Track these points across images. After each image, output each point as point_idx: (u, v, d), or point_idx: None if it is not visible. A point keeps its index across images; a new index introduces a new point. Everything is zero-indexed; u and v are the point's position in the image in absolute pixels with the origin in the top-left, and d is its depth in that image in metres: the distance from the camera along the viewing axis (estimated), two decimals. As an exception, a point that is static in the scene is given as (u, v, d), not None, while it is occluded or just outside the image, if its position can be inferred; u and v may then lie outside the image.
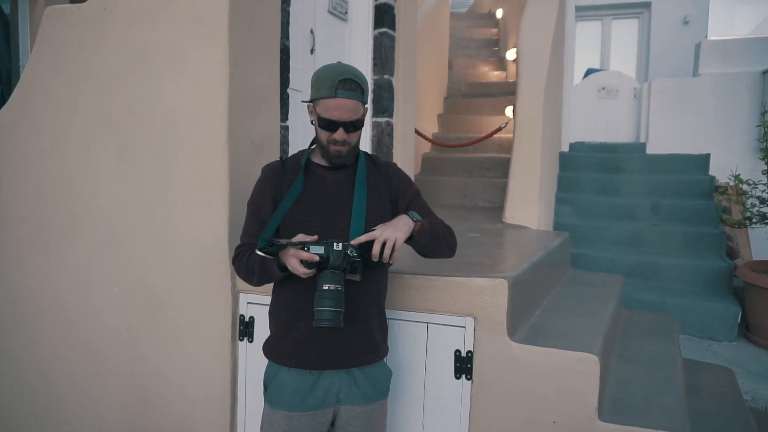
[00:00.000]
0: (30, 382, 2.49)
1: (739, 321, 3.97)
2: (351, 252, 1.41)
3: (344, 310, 1.41)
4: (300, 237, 1.43)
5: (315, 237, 1.43)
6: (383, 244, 1.41)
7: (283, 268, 1.48)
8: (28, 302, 2.46)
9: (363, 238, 1.43)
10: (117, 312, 2.28)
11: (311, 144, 1.63)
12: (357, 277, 1.48)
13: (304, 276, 1.43)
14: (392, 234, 1.42)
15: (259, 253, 1.45)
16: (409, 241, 1.52)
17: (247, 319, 2.10)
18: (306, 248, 1.40)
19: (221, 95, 2.03)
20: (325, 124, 1.49)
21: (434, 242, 1.58)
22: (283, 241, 1.44)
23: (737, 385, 2.94)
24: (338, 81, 1.45)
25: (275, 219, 1.52)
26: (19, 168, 2.44)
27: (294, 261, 1.42)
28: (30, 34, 4.58)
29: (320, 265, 1.41)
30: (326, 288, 1.39)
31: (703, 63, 6.41)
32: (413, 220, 1.50)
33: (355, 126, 1.50)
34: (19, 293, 2.48)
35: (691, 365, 3.07)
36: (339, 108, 1.46)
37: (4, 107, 2.49)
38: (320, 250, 1.39)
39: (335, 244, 1.40)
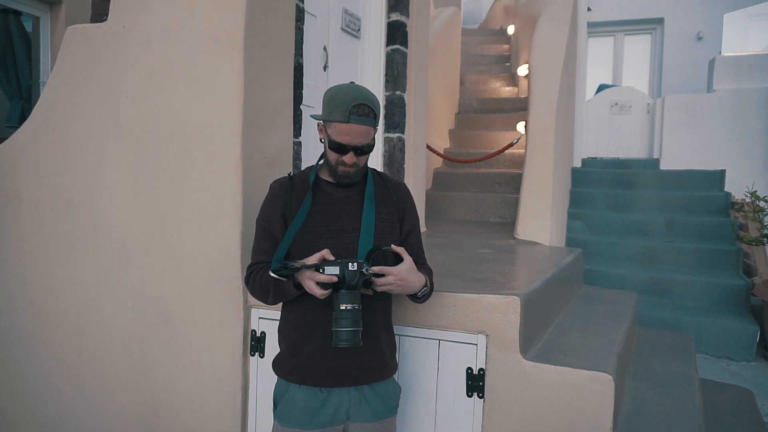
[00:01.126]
0: (40, 393, 2.50)
1: (757, 340, 3.89)
2: (366, 270, 1.42)
3: (362, 328, 1.41)
4: (319, 256, 1.43)
5: (332, 257, 1.43)
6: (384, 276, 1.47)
7: (299, 287, 1.48)
8: (43, 313, 2.49)
9: (377, 269, 1.46)
10: (129, 325, 2.29)
11: (319, 159, 1.64)
12: (369, 292, 1.49)
13: (321, 297, 1.43)
14: (401, 286, 1.50)
15: (272, 275, 1.46)
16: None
17: (258, 334, 2.10)
18: (321, 270, 1.40)
19: (235, 111, 2.05)
20: (336, 147, 1.49)
21: (422, 300, 1.64)
22: (298, 263, 1.43)
23: (757, 406, 2.88)
24: (352, 106, 1.44)
25: (287, 239, 1.52)
26: (39, 182, 2.49)
27: (310, 283, 1.42)
28: (51, 51, 4.69)
29: (336, 285, 1.41)
30: (344, 308, 1.39)
31: (717, 79, 6.38)
32: (427, 287, 1.58)
33: (365, 150, 1.51)
34: (35, 304, 2.51)
35: (708, 386, 3.01)
36: (351, 133, 1.46)
37: (25, 123, 2.54)
38: (336, 270, 1.39)
39: (350, 264, 1.40)
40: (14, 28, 4.67)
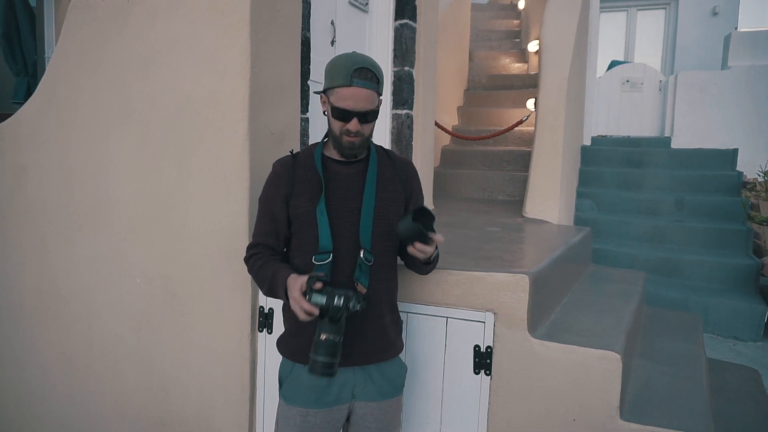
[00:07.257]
0: (53, 368, 2.54)
1: (765, 321, 3.88)
2: (353, 306, 1.34)
3: (339, 360, 1.37)
4: (302, 283, 1.38)
5: (320, 284, 1.37)
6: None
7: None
8: (52, 291, 2.51)
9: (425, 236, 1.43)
10: (138, 301, 2.31)
11: (324, 137, 1.61)
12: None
13: (303, 321, 1.39)
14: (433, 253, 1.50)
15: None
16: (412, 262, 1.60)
17: (266, 311, 2.11)
18: (308, 296, 1.35)
19: (242, 87, 2.03)
20: (339, 114, 1.45)
21: (432, 266, 1.64)
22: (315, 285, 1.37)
23: (763, 386, 2.88)
24: (353, 70, 1.41)
25: (322, 223, 1.49)
26: (45, 159, 2.48)
27: (296, 305, 1.39)
28: (55, 26, 4.65)
29: (320, 313, 1.35)
30: (323, 338, 1.33)
31: (732, 55, 6.24)
32: (437, 250, 1.56)
33: (369, 117, 1.47)
34: (43, 282, 2.53)
35: (715, 365, 3.01)
36: (353, 97, 1.42)
37: (31, 99, 2.53)
38: (322, 300, 1.34)
39: (336, 298, 1.33)
40: (18, 3, 4.62)
